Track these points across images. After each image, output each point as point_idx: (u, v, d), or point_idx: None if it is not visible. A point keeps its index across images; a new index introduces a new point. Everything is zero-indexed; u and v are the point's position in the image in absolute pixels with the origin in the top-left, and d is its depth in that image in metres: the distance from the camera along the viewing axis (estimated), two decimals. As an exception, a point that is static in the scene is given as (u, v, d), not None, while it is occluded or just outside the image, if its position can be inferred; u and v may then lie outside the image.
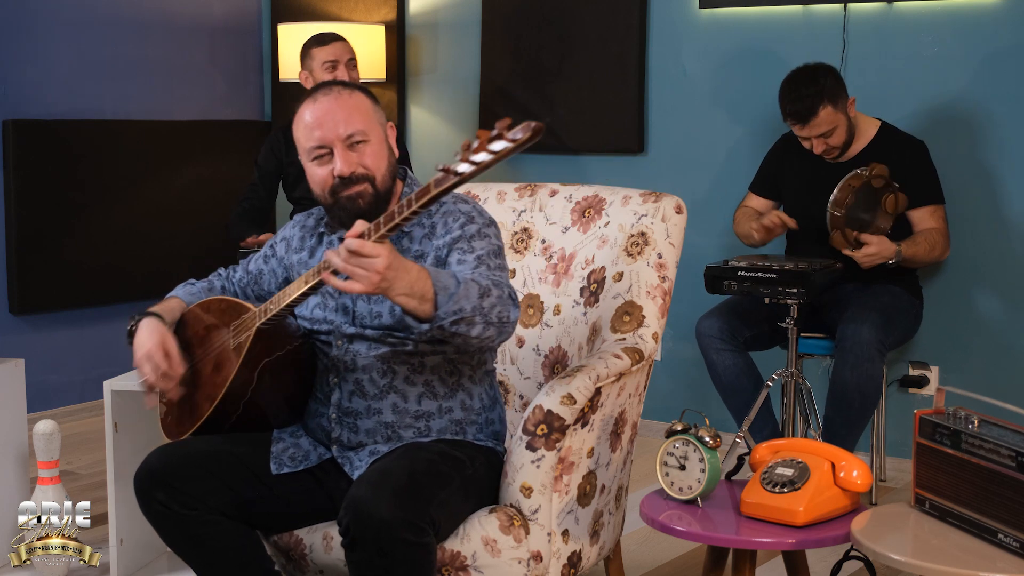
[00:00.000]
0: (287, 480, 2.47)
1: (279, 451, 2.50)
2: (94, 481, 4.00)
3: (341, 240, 2.52)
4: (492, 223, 2.48)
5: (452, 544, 2.37)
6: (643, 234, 2.80)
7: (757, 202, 4.07)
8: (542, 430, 2.42)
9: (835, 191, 3.66)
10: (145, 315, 2.53)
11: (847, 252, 3.68)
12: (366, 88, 2.53)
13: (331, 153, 2.41)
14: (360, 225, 2.15)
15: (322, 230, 2.58)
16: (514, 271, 2.96)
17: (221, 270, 2.74)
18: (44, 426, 3.14)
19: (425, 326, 2.20)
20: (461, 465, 2.40)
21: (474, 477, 2.43)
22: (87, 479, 4.06)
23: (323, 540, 2.47)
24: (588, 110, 4.76)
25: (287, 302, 2.35)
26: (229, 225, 4.52)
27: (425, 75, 5.25)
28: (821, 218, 3.73)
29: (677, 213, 2.83)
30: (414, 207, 2.10)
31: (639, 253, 2.79)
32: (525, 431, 2.44)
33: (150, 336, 2.47)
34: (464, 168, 2.04)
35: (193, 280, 2.71)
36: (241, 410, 2.46)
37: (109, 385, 3.12)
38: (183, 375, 2.49)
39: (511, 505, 2.44)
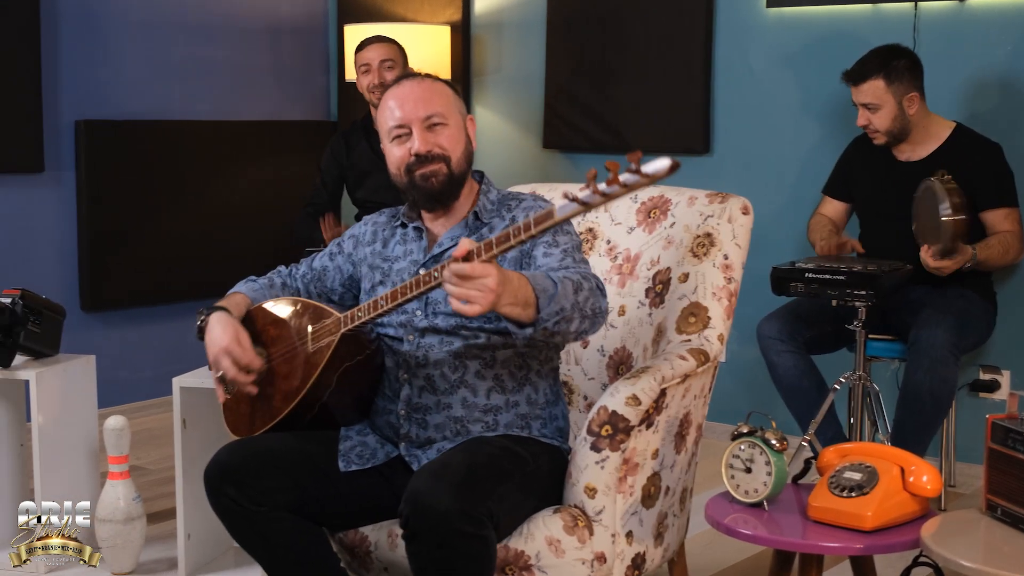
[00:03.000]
0: (354, 478, 2.49)
1: (347, 449, 2.52)
2: (162, 476, 4.04)
3: (417, 229, 2.57)
4: (569, 221, 2.48)
5: (516, 543, 2.37)
6: (709, 235, 2.79)
7: (831, 207, 4.03)
8: (607, 431, 2.42)
9: (946, 199, 3.54)
10: (213, 310, 2.56)
11: (936, 263, 3.58)
12: (450, 83, 2.59)
13: (410, 133, 2.48)
14: (467, 243, 2.14)
15: (397, 223, 2.62)
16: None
17: (282, 268, 2.77)
18: (114, 422, 3.18)
19: (528, 331, 2.22)
20: (522, 462, 2.40)
21: (536, 475, 2.43)
22: (155, 474, 4.11)
23: (388, 537, 2.48)
24: (653, 110, 4.74)
25: (382, 310, 2.37)
26: (295, 228, 4.56)
27: (490, 75, 5.26)
28: (892, 220, 3.69)
29: (743, 214, 2.81)
30: (532, 232, 2.10)
31: (705, 254, 2.78)
32: (590, 432, 2.43)
33: (224, 332, 2.50)
34: (590, 198, 2.01)
35: (254, 277, 2.75)
36: (316, 411, 2.49)
37: (178, 382, 3.16)
38: (259, 371, 2.51)
39: (575, 506, 2.44)
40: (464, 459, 2.31)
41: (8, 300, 3.17)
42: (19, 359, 3.28)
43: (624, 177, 1.97)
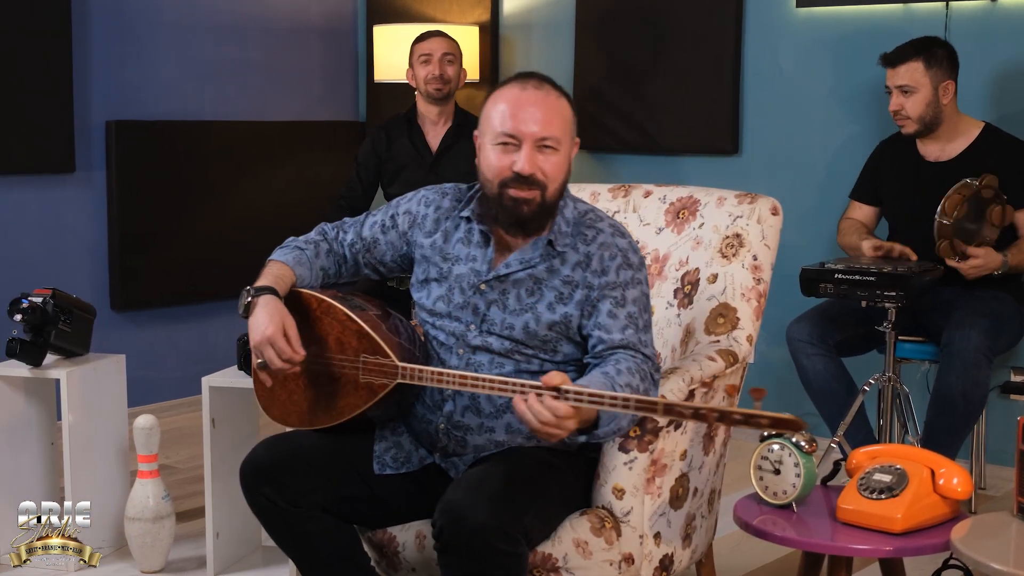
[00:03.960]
0: (389, 480, 2.47)
1: (381, 451, 2.50)
2: (191, 475, 4.06)
3: (484, 233, 2.43)
4: (643, 264, 2.44)
5: (543, 546, 2.36)
6: (738, 236, 2.78)
7: (860, 211, 4.01)
8: (635, 432, 2.41)
9: (944, 200, 3.58)
10: (262, 291, 2.41)
11: (952, 263, 3.61)
12: (571, 98, 2.45)
13: (518, 146, 2.34)
14: (556, 378, 2.14)
15: (465, 214, 2.47)
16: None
17: (327, 227, 2.61)
18: (144, 421, 3.20)
19: (582, 438, 2.27)
20: (560, 474, 2.38)
21: (571, 485, 2.42)
22: (184, 473, 4.13)
23: (416, 538, 2.49)
24: (682, 110, 4.73)
25: (445, 384, 2.30)
26: (329, 215, 4.56)
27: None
28: (921, 221, 3.67)
29: (773, 215, 2.81)
30: (621, 408, 2.13)
31: (734, 255, 2.77)
32: (618, 433, 2.42)
33: (271, 319, 2.36)
34: (703, 416, 2.10)
35: (295, 240, 2.59)
36: (352, 420, 2.45)
37: (207, 381, 3.17)
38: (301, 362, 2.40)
39: (603, 507, 2.44)
40: (502, 472, 2.27)
41: (39, 299, 3.19)
42: (50, 358, 3.30)
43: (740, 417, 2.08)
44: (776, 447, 2.49)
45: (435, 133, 4.47)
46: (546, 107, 2.36)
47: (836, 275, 3.57)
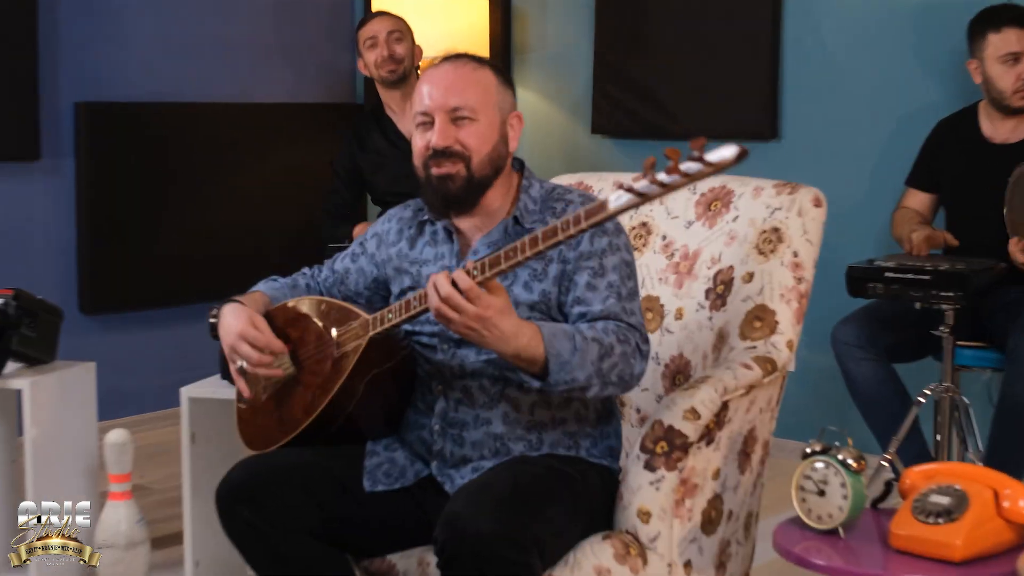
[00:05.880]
0: (381, 498, 2.48)
1: (373, 466, 2.51)
2: (169, 497, 4.06)
3: (447, 229, 2.55)
4: (620, 230, 2.49)
5: (561, 573, 2.36)
6: (777, 230, 2.78)
7: (917, 199, 4.01)
8: (662, 448, 2.41)
9: (1012, 183, 3.54)
10: (227, 302, 2.58)
11: (1020, 257, 3.57)
12: (501, 69, 2.55)
13: (433, 123, 2.45)
14: (469, 264, 2.21)
15: (423, 218, 2.60)
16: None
17: (306, 269, 2.77)
18: (116, 436, 3.19)
19: (536, 383, 2.29)
20: (571, 481, 2.39)
21: (585, 495, 2.42)
22: (161, 494, 4.13)
23: (418, 566, 2.48)
24: (714, 91, 4.72)
25: (414, 311, 2.36)
26: (322, 227, 4.59)
27: (532, 53, 5.25)
28: (983, 211, 3.66)
29: (815, 206, 2.80)
30: (562, 236, 2.14)
31: (772, 251, 2.76)
32: (643, 449, 2.42)
33: (237, 318, 2.51)
34: (648, 189, 2.02)
35: (276, 277, 2.75)
36: (340, 422, 2.48)
37: (186, 392, 3.17)
38: (281, 354, 2.52)
39: (627, 531, 2.44)
40: (506, 478, 2.31)
41: (0, 301, 3.19)
42: (11, 366, 3.30)
43: (686, 166, 1.95)
44: (821, 465, 2.48)
45: (405, 120, 4.49)
46: (459, 76, 2.46)
47: (887, 273, 3.56)
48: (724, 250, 2.84)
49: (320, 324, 2.52)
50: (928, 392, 3.68)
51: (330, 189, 4.64)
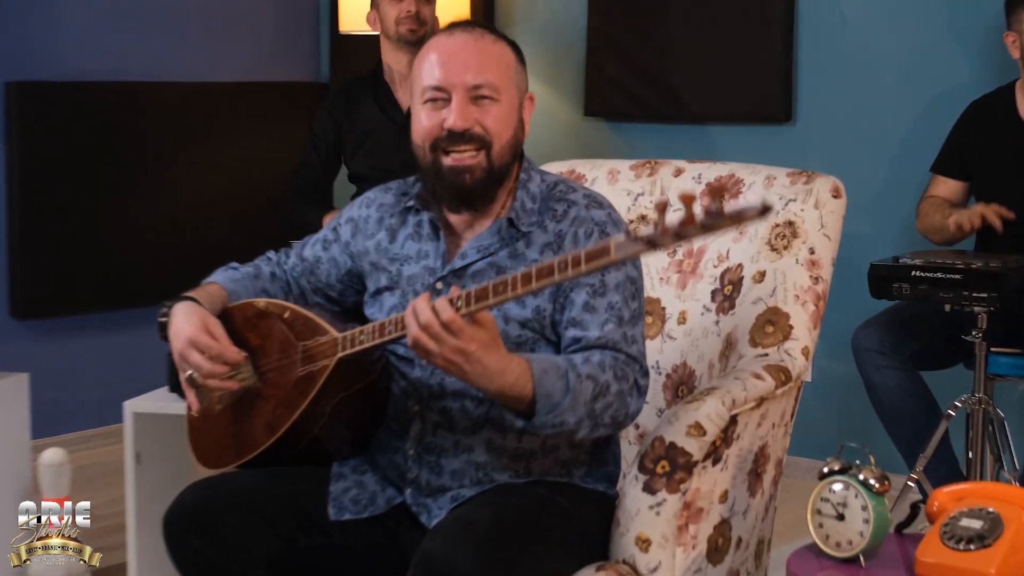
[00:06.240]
0: (349, 528, 2.47)
1: (339, 491, 2.50)
2: (110, 524, 4.05)
3: (433, 223, 2.50)
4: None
5: (549, 609, 2.36)
6: (791, 224, 2.79)
7: (945, 187, 4.02)
8: (663, 468, 2.41)
9: None
10: (179, 300, 2.52)
11: None
12: (516, 45, 2.51)
13: (448, 100, 2.40)
14: (454, 291, 2.18)
15: (409, 203, 2.55)
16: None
17: (271, 254, 2.74)
18: (52, 455, 3.19)
19: (519, 422, 2.28)
20: (564, 514, 2.38)
21: (579, 529, 2.41)
22: (102, 520, 4.12)
23: (390, 602, 2.48)
24: (721, 68, 4.73)
25: (389, 336, 2.33)
26: (288, 209, 4.53)
27: (519, 25, 5.25)
28: (1021, 201, 3.67)
29: (834, 198, 2.81)
30: (568, 273, 2.09)
31: (786, 247, 2.77)
32: (642, 469, 2.42)
33: (188, 320, 2.46)
34: (657, 239, 2.00)
35: (236, 264, 2.71)
36: (303, 445, 2.47)
37: (131, 406, 3.17)
38: (236, 364, 2.48)
39: (624, 561, 2.43)
40: (489, 513, 2.29)
41: (-79, 304, 3.18)
42: (-66, 378, 3.29)
43: (703, 218, 1.95)
44: (839, 486, 2.48)
45: (406, 89, 4.45)
46: (480, 50, 2.42)
47: (913, 272, 3.57)
48: (732, 246, 2.85)
49: (284, 333, 2.50)
50: (959, 404, 3.69)
51: (302, 160, 4.57)
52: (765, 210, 1.94)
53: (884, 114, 4.48)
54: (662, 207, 1.99)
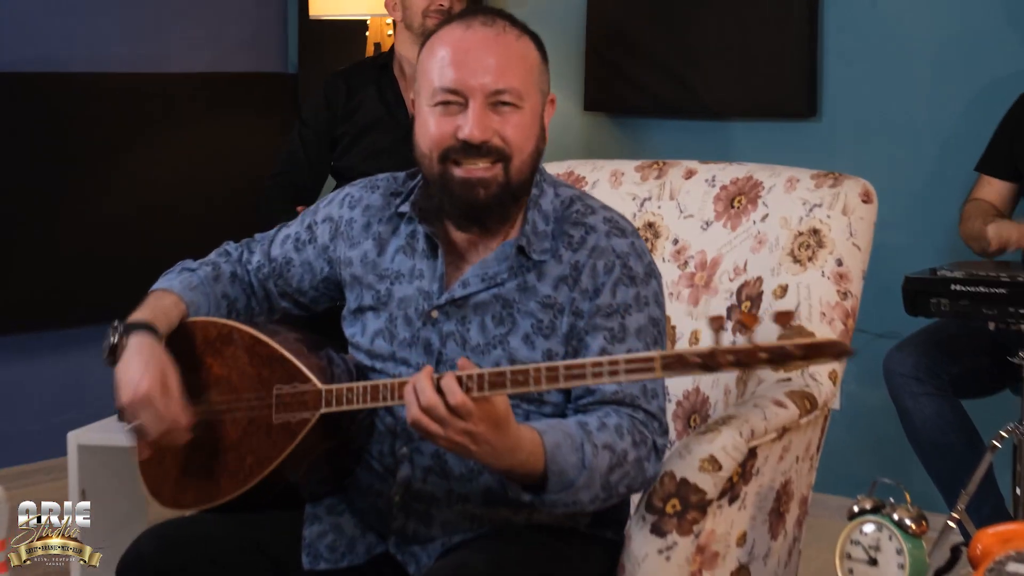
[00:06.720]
0: (325, 579, 2.46)
1: (314, 537, 2.48)
2: (53, 570, 4.04)
3: (430, 238, 2.44)
4: (651, 274, 2.43)
5: (546, 666, 2.36)
6: (816, 232, 2.80)
7: (992, 189, 4.03)
8: (674, 507, 2.40)
9: None
10: (135, 328, 2.46)
11: None
12: (539, 38, 2.46)
13: (464, 105, 2.34)
14: (463, 363, 2.14)
15: (403, 210, 2.50)
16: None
17: (230, 246, 2.68)
18: (-13, 493, 3.18)
19: (526, 497, 2.24)
20: (566, 563, 2.38)
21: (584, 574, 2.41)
22: (40, 568, 4.10)
23: (368, 660, 2.47)
24: (739, 58, 4.74)
25: (376, 404, 2.30)
26: (264, 208, 4.45)
27: (510, 8, 5.24)
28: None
29: (864, 202, 2.82)
30: (603, 377, 2.09)
31: (810, 259, 2.78)
32: (650, 509, 2.42)
33: (145, 368, 2.40)
34: (708, 361, 2.02)
35: (191, 263, 2.65)
36: (273, 495, 2.45)
37: (75, 437, 3.16)
38: (191, 426, 2.44)
39: (630, 612, 2.43)
40: (485, 561, 2.28)
41: None
42: None
43: (768, 347, 1.99)
44: (871, 527, 2.48)
45: (410, 83, 4.42)
46: (500, 49, 2.37)
47: (953, 286, 3.56)
48: (751, 257, 2.86)
49: (257, 371, 2.44)
50: (1004, 434, 3.68)
51: (285, 157, 4.48)
52: (843, 353, 1.96)
53: (920, 108, 4.48)
54: (719, 324, 2.00)
